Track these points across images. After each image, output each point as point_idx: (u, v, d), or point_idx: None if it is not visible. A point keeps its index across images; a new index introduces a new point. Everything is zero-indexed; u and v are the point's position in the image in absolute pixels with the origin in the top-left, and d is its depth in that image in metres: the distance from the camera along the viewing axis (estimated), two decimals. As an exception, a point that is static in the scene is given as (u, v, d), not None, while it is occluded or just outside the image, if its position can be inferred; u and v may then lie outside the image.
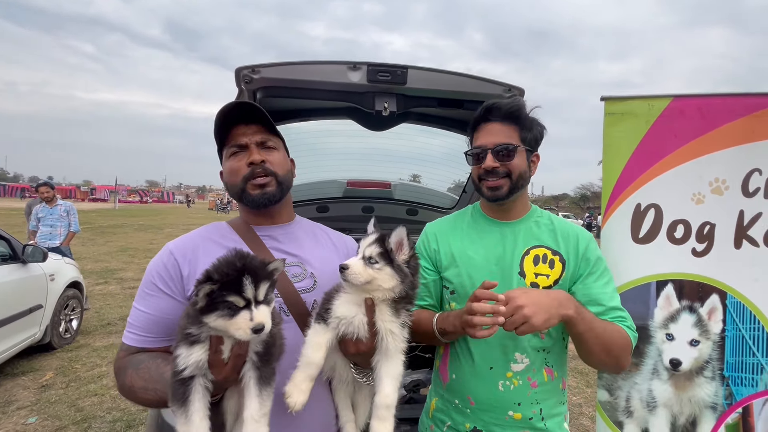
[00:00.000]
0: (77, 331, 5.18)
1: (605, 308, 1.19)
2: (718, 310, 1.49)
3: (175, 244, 1.11)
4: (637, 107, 1.54)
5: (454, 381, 1.28)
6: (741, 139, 1.48)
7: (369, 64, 1.68)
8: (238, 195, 1.12)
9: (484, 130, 1.25)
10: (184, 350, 0.83)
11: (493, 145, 1.21)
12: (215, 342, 0.84)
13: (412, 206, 2.82)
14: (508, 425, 1.21)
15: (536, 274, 1.22)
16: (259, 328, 0.80)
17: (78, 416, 3.45)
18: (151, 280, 1.05)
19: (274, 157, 1.12)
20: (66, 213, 6.28)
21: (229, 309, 0.80)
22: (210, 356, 0.84)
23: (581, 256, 1.23)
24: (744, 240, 1.48)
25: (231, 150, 1.12)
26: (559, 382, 1.26)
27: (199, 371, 0.84)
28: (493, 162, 1.21)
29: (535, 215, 1.32)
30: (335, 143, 2.57)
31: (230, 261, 0.83)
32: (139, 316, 1.04)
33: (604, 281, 1.23)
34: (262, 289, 0.83)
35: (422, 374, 2.75)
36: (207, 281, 0.79)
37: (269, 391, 0.88)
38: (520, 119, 1.23)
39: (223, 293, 0.79)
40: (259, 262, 0.85)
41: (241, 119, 1.11)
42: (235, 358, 0.86)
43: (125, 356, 1.04)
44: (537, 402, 1.22)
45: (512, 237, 1.27)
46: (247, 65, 1.66)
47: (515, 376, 1.21)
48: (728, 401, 1.49)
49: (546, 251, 1.24)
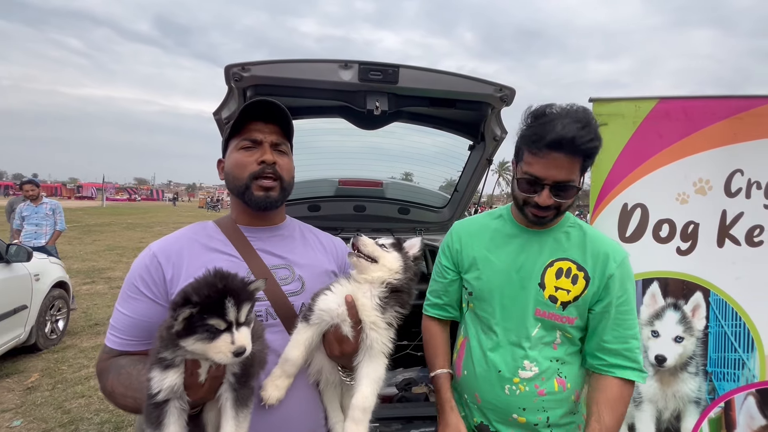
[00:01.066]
0: (64, 332, 5.09)
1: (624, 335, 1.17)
2: (701, 308, 1.53)
3: (158, 245, 1.08)
4: (624, 109, 1.57)
5: (465, 377, 1.30)
6: (724, 141, 1.51)
7: (360, 63, 1.68)
8: (240, 190, 1.09)
9: (547, 157, 1.08)
10: (158, 374, 0.80)
11: (553, 182, 1.10)
12: (191, 366, 0.82)
13: (404, 205, 2.83)
14: (512, 425, 1.22)
15: (557, 288, 1.17)
16: (240, 351, 0.79)
17: (65, 418, 3.39)
18: (133, 283, 1.03)
19: (284, 162, 1.12)
20: (51, 211, 6.14)
21: (209, 332, 0.77)
22: (186, 379, 0.82)
23: (608, 276, 1.17)
24: (726, 239, 1.52)
25: (243, 143, 1.09)
26: (572, 394, 1.21)
27: (174, 395, 0.81)
28: (549, 200, 1.11)
29: (566, 224, 1.25)
30: (327, 142, 2.56)
31: (210, 282, 0.80)
32: (121, 319, 1.02)
33: (626, 308, 1.18)
34: (244, 310, 0.81)
35: (414, 372, 2.76)
36: (185, 304, 0.76)
37: (246, 413, 0.86)
38: (591, 156, 1.11)
39: (203, 316, 0.77)
40: (240, 282, 0.83)
41: (261, 116, 1.09)
42: (211, 380, 0.84)
43: (107, 359, 1.02)
44: (544, 410, 1.19)
45: (538, 246, 1.22)
46: (236, 63, 1.65)
47: (522, 383, 1.19)
48: (711, 396, 1.53)
49: (571, 265, 1.18)
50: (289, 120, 1.13)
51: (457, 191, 2.76)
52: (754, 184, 1.49)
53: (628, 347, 1.16)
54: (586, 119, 1.08)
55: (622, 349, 1.16)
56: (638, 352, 1.18)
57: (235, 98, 1.82)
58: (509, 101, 1.83)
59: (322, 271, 1.17)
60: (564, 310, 1.17)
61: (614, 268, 1.17)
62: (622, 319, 1.16)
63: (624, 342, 1.16)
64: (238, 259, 1.07)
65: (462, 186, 2.68)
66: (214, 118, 2.15)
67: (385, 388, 2.60)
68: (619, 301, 1.16)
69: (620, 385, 1.16)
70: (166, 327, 0.81)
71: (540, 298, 1.18)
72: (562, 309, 1.17)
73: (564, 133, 1.04)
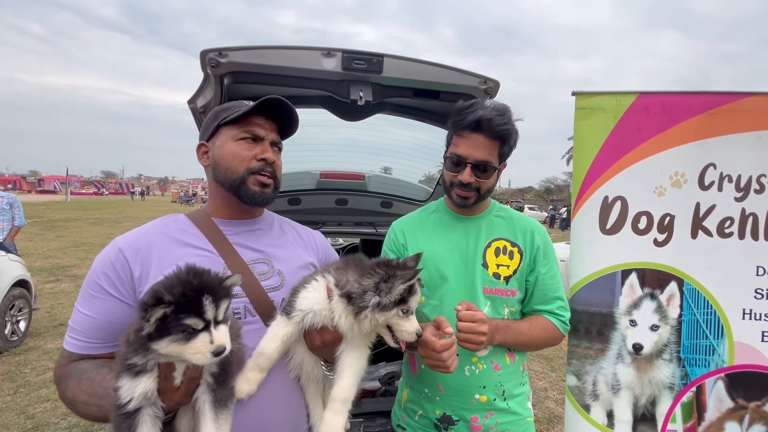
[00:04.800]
0: (25, 333, 4.82)
1: (549, 298, 1.36)
2: (675, 297, 1.58)
3: (125, 239, 1.00)
4: (605, 102, 1.59)
5: (423, 371, 1.34)
6: (698, 135, 1.56)
7: (344, 51, 1.63)
8: (234, 184, 1.05)
9: (469, 139, 1.27)
10: (128, 382, 0.75)
11: (474, 160, 1.26)
12: (165, 369, 0.77)
13: (387, 198, 2.80)
14: (474, 408, 1.29)
15: (498, 265, 1.32)
16: (220, 351, 0.75)
17: (29, 424, 3.21)
18: (96, 281, 0.95)
19: (280, 162, 1.12)
20: (9, 206, 5.77)
21: (185, 332, 0.73)
22: (160, 384, 0.77)
23: (536, 248, 1.35)
24: (700, 230, 1.57)
25: (243, 135, 1.05)
26: (520, 365, 1.38)
27: (147, 401, 0.76)
28: (470, 177, 1.27)
29: (494, 210, 1.42)
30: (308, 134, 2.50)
31: (184, 279, 0.76)
32: (82, 320, 0.95)
33: (552, 273, 1.37)
34: (222, 307, 0.77)
35: (397, 366, 2.76)
36: (157, 304, 0.71)
37: (226, 414, 0.83)
38: (506, 140, 1.28)
39: (179, 316, 0.72)
40: (216, 278, 0.79)
41: (264, 111, 1.07)
42: (188, 383, 0.80)
43: (66, 363, 0.95)
44: (501, 384, 1.32)
45: (475, 231, 1.37)
46: (213, 48, 1.57)
47: (480, 361, 1.30)
48: (684, 381, 1.59)
49: (506, 243, 1.35)
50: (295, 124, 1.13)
51: (439, 184, 2.75)
52: (726, 177, 1.54)
53: (555, 306, 1.36)
54: (504, 109, 1.27)
55: (552, 309, 1.36)
56: (563, 310, 1.38)
57: (212, 85, 1.73)
58: (493, 93, 1.82)
59: (302, 265, 1.14)
60: (507, 284, 1.32)
61: (539, 240, 1.36)
62: (549, 284, 1.35)
63: (551, 303, 1.36)
64: (213, 255, 1.02)
65: (444, 179, 2.67)
66: (189, 107, 2.05)
67: (368, 382, 2.59)
68: (545, 269, 1.35)
69: (545, 319, 1.35)
70: (135, 330, 0.75)
71: (485, 277, 1.31)
72: (506, 283, 1.32)
73: (483, 114, 1.23)
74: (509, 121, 1.27)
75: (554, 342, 1.40)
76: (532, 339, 1.32)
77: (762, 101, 1.51)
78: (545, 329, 1.34)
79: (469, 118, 1.25)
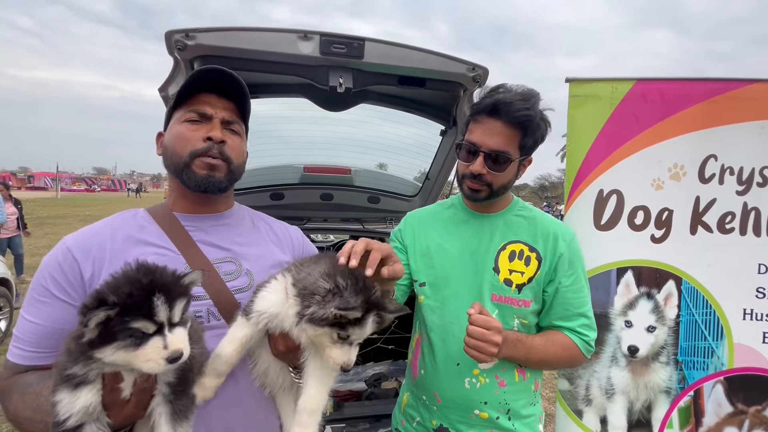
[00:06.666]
0: (6, 333, 4.68)
1: (571, 314, 1.18)
2: (673, 296, 1.50)
3: (74, 238, 0.91)
4: (601, 90, 1.50)
5: (422, 376, 1.25)
6: (698, 125, 1.47)
7: (322, 34, 1.52)
8: (178, 168, 0.95)
9: (485, 125, 1.12)
10: (67, 395, 0.65)
11: (488, 149, 1.11)
12: (111, 380, 0.68)
13: (374, 193, 2.70)
14: (474, 423, 1.17)
15: (510, 271, 1.17)
16: (176, 357, 0.66)
17: (9, 427, 3.10)
18: (42, 284, 0.86)
19: (235, 143, 0.98)
20: (-10, 202, 5.62)
21: (133, 337, 0.64)
22: (105, 397, 0.68)
23: (559, 256, 1.17)
24: (699, 226, 1.49)
25: (188, 114, 0.94)
26: (531, 383, 1.21)
27: (90, 417, 0.66)
28: (482, 168, 1.12)
29: (516, 208, 1.26)
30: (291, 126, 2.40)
31: (132, 277, 0.67)
32: (28, 328, 0.85)
33: (577, 286, 1.18)
34: (178, 308, 0.68)
35: (384, 367, 2.67)
36: (99, 306, 0.62)
37: (187, 426, 0.74)
38: (528, 128, 1.12)
39: (125, 319, 0.63)
40: (171, 275, 0.70)
41: (214, 88, 0.96)
42: (139, 394, 0.70)
43: (10, 376, 0.85)
44: (506, 402, 1.17)
45: (489, 231, 1.22)
46: (179, 29, 1.45)
47: (482, 374, 1.17)
48: (681, 385, 1.51)
49: (523, 247, 1.19)
50: (247, 96, 1.00)
51: (428, 179, 2.65)
52: (728, 169, 1.46)
53: (577, 323, 1.18)
54: (529, 94, 1.12)
55: (573, 326, 1.18)
56: (587, 329, 1.19)
57: (182, 71, 1.62)
58: (482, 82, 1.72)
59: (275, 263, 1.04)
60: (519, 293, 1.16)
61: (564, 247, 1.18)
62: (573, 297, 1.17)
63: (573, 319, 1.18)
64: (174, 253, 0.93)
65: (433, 174, 2.58)
66: (160, 96, 1.93)
67: (354, 383, 2.50)
68: (569, 280, 1.17)
69: (564, 336, 1.17)
70: (75, 337, 0.66)
71: (495, 283, 1.17)
72: (518, 292, 1.16)
73: (502, 98, 1.09)
74: (533, 107, 1.10)
75: (574, 363, 1.24)
76: (546, 357, 1.15)
77: (766, 89, 1.43)
78: (563, 348, 1.17)
79: (487, 101, 1.11)
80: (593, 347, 1.20)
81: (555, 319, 1.18)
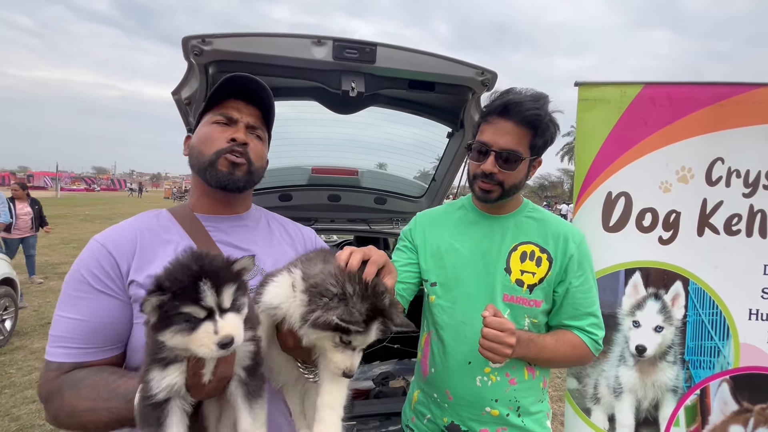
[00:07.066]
0: (11, 333, 4.70)
1: (581, 313, 1.21)
2: (681, 297, 1.53)
3: (104, 235, 0.93)
4: (609, 93, 1.52)
5: (433, 374, 1.26)
6: (706, 128, 1.50)
7: (335, 40, 1.55)
8: (203, 166, 0.99)
9: (496, 125, 1.15)
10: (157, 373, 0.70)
11: (499, 148, 1.14)
12: (194, 365, 0.71)
13: (381, 195, 2.72)
14: (486, 421, 1.20)
15: (522, 271, 1.19)
16: (226, 342, 0.67)
17: (13, 426, 3.12)
18: (80, 279, 0.87)
19: (257, 147, 1.03)
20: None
21: (188, 322, 0.66)
22: (188, 380, 0.71)
23: (569, 257, 1.20)
24: (706, 228, 1.51)
25: (216, 118, 1.00)
26: (540, 381, 1.24)
27: (176, 394, 0.71)
28: (493, 167, 1.15)
29: (526, 210, 1.28)
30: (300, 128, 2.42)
31: (183, 264, 0.69)
32: (70, 326, 0.86)
33: (586, 286, 1.21)
34: (227, 293, 0.69)
35: (391, 365, 2.70)
36: (155, 291, 0.65)
37: (261, 403, 0.78)
38: (537, 127, 1.15)
39: (176, 304, 0.65)
40: (222, 261, 0.72)
41: (242, 95, 1.01)
42: (218, 381, 0.73)
43: (56, 377, 0.84)
44: (516, 399, 1.20)
45: (501, 232, 1.24)
46: (196, 35, 1.48)
47: (493, 372, 1.19)
48: (687, 384, 1.54)
49: (534, 248, 1.21)
50: (272, 104, 1.05)
51: (434, 180, 2.68)
52: (734, 172, 1.49)
53: (587, 323, 1.21)
54: (539, 96, 1.15)
55: (583, 325, 1.21)
56: (596, 328, 1.22)
57: (196, 75, 1.64)
58: (491, 86, 1.74)
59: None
60: (531, 293, 1.19)
61: (574, 248, 1.21)
62: (582, 297, 1.20)
63: (582, 319, 1.21)
64: None
65: (440, 175, 2.60)
66: (173, 99, 1.95)
67: (362, 382, 2.53)
68: (579, 281, 1.20)
69: (574, 335, 1.21)
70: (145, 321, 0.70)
71: (507, 283, 1.19)
72: (529, 292, 1.19)
73: (512, 98, 1.12)
74: (542, 108, 1.13)
75: (583, 362, 1.28)
76: (557, 356, 1.18)
77: (773, 93, 1.45)
78: (573, 347, 1.20)
79: (497, 102, 1.15)
80: (602, 345, 1.23)
81: (565, 318, 1.21)
